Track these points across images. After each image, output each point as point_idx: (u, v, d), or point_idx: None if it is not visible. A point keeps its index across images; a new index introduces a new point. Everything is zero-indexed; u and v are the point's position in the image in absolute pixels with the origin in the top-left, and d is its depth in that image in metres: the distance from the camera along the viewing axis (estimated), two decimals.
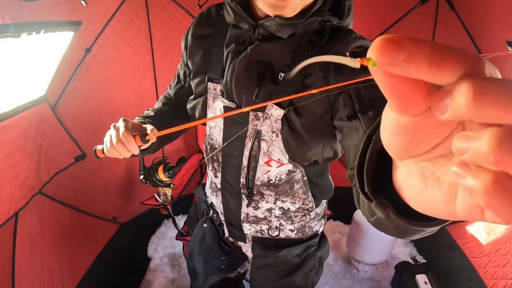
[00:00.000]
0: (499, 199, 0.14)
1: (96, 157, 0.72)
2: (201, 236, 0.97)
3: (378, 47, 0.15)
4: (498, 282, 1.39)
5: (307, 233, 0.89)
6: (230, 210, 0.85)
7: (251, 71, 0.65)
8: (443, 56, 0.14)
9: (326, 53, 0.61)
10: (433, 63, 0.14)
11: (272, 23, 0.62)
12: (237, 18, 0.66)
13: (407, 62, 0.14)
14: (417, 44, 0.14)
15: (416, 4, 1.76)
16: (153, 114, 0.83)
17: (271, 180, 0.75)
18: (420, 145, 0.19)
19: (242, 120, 0.68)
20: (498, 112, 0.13)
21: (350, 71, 0.57)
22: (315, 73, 0.61)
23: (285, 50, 0.64)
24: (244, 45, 0.67)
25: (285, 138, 0.67)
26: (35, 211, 1.27)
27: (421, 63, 0.14)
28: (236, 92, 0.67)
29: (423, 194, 0.20)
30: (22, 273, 1.16)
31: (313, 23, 0.62)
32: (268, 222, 0.85)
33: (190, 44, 0.78)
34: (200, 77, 0.76)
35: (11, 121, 1.10)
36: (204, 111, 0.76)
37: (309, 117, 0.64)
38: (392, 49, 0.14)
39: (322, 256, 0.93)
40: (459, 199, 0.18)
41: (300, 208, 0.83)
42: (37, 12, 1.05)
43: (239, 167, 0.75)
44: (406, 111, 0.17)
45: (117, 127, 0.66)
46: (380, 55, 0.15)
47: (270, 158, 0.71)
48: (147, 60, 1.90)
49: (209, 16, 0.76)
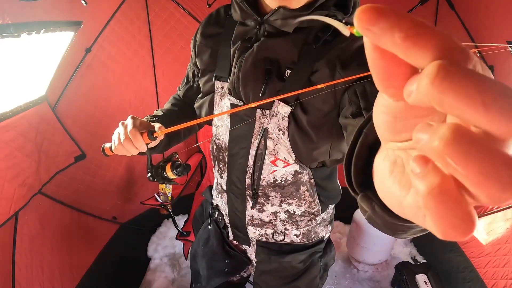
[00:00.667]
0: (439, 206, 0.13)
1: (104, 155, 0.73)
2: (206, 238, 0.96)
3: (360, 12, 0.14)
4: (498, 282, 1.39)
5: (313, 238, 0.87)
6: (235, 212, 0.84)
7: (258, 68, 0.65)
8: (421, 33, 0.14)
9: (332, 49, 0.61)
10: (408, 37, 0.14)
11: (277, 16, 0.62)
12: (243, 15, 0.66)
13: (383, 30, 0.14)
14: (398, 15, 0.14)
15: (416, 4, 1.76)
16: (162, 113, 0.83)
17: (277, 181, 0.74)
18: (400, 131, 0.18)
19: (249, 117, 0.68)
20: (459, 104, 0.12)
21: (356, 67, 0.57)
22: (321, 70, 0.61)
23: (292, 46, 0.64)
24: (250, 42, 0.67)
25: (292, 136, 0.66)
26: (35, 211, 1.27)
27: (396, 34, 0.14)
28: (243, 90, 0.67)
29: (386, 180, 0.20)
30: (22, 273, 1.15)
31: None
32: (273, 226, 0.83)
33: (198, 43, 0.78)
34: (208, 75, 0.76)
35: (11, 121, 1.10)
36: (211, 109, 0.75)
37: (316, 114, 0.63)
38: (372, 15, 0.14)
39: (327, 263, 0.92)
40: (409, 195, 0.17)
41: (306, 212, 0.81)
42: (37, 12, 1.05)
43: (245, 166, 0.74)
44: (386, 90, 0.16)
45: (125, 125, 0.66)
46: (359, 20, 0.14)
47: (276, 157, 0.71)
48: (147, 60, 1.90)
49: (218, 16, 0.77)
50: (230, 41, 0.71)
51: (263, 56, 0.65)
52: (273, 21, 0.63)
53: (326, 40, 0.62)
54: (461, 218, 0.13)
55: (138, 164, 2.00)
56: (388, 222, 0.27)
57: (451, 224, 0.13)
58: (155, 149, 0.78)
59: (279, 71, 0.65)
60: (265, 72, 0.64)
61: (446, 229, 0.13)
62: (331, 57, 0.61)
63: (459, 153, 0.12)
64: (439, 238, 0.14)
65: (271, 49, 0.65)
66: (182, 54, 1.98)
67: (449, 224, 0.13)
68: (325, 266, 0.91)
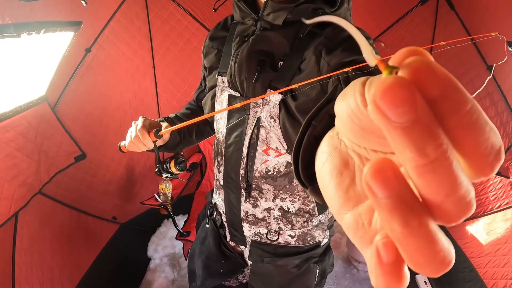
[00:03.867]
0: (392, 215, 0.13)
1: (120, 151, 0.82)
2: (203, 236, 0.96)
3: (398, 83, 0.12)
4: (498, 282, 1.39)
5: (309, 242, 0.85)
6: (231, 207, 0.85)
7: (252, 58, 0.69)
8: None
9: (319, 38, 0.63)
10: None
11: (268, 10, 0.67)
12: (242, 14, 0.72)
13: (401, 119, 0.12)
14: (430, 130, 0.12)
15: (416, 4, 1.76)
16: (175, 115, 0.91)
17: (269, 171, 0.75)
18: (365, 138, 0.17)
19: (243, 107, 0.72)
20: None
21: (340, 52, 0.60)
22: (308, 57, 0.64)
23: (283, 39, 0.68)
24: (247, 37, 0.72)
25: (283, 123, 0.68)
26: (35, 211, 1.27)
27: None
28: (238, 78, 0.71)
29: (328, 184, 0.19)
30: (22, 273, 1.16)
31: (305, 10, 0.65)
32: (267, 224, 0.83)
33: (206, 46, 0.85)
34: (212, 72, 0.81)
35: (11, 121, 1.10)
36: (213, 103, 0.80)
37: (304, 100, 0.65)
38: (406, 101, 0.12)
39: (324, 270, 0.90)
40: (350, 214, 0.17)
41: (300, 210, 0.81)
42: (37, 12, 1.05)
43: (239, 157, 0.76)
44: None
45: (136, 124, 0.75)
46: (387, 103, 0.12)
47: (268, 146, 0.72)
48: (147, 60, 1.90)
49: (225, 22, 0.84)
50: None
51: (258, 48, 0.69)
52: (266, 16, 0.68)
53: (315, 33, 0.66)
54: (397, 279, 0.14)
55: (138, 164, 2.00)
56: None
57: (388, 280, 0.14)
58: (165, 148, 0.84)
59: (273, 62, 0.69)
60: (259, 62, 0.68)
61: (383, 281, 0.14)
62: (317, 44, 0.64)
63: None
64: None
65: (265, 41, 0.69)
66: (182, 54, 1.98)
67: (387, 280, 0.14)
68: (322, 273, 0.89)
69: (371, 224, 0.16)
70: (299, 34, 0.67)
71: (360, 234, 0.16)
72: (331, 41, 0.63)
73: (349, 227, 0.17)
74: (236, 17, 0.76)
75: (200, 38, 1.96)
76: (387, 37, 2.00)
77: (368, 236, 0.16)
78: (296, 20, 0.66)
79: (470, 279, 1.58)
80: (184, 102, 2.15)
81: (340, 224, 0.18)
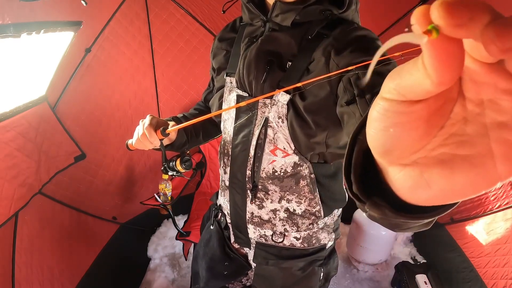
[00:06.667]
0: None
1: (128, 149, 0.83)
2: (207, 238, 0.95)
3: (446, 9, 0.14)
4: (498, 282, 1.39)
5: (314, 244, 0.84)
6: (236, 208, 0.84)
7: (260, 58, 0.69)
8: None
9: (328, 39, 0.64)
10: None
11: (276, 12, 0.66)
12: (251, 16, 0.73)
13: (472, 21, 0.14)
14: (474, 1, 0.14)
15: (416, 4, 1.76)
16: (182, 115, 0.92)
17: (276, 172, 0.75)
18: (417, 139, 0.18)
19: (252, 108, 0.72)
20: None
21: (350, 53, 0.60)
22: (317, 58, 0.65)
23: (291, 40, 0.68)
24: (256, 38, 0.73)
25: (290, 123, 0.68)
26: (35, 211, 1.27)
27: (483, 19, 0.14)
28: (247, 78, 0.71)
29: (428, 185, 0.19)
30: (22, 273, 1.16)
31: (313, 11, 0.65)
32: (272, 226, 0.82)
33: (214, 47, 0.85)
34: (221, 73, 0.82)
35: (11, 121, 1.10)
36: (220, 103, 0.80)
37: (312, 100, 0.65)
38: (460, 8, 0.14)
39: (329, 273, 0.90)
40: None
41: (306, 212, 0.80)
42: (37, 12, 1.05)
43: (246, 157, 0.76)
44: (441, 83, 0.16)
45: (143, 122, 0.76)
46: (450, 17, 0.14)
47: (275, 146, 0.72)
48: (147, 60, 1.90)
49: (234, 24, 0.84)
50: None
51: (266, 49, 0.70)
52: (274, 17, 0.68)
53: (323, 34, 0.66)
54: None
55: (138, 164, 2.00)
56: (393, 221, 0.27)
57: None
58: (172, 147, 0.86)
59: (281, 63, 0.69)
60: (268, 62, 0.69)
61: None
62: (326, 45, 0.64)
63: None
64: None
65: (274, 42, 0.69)
66: (182, 54, 1.98)
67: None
68: (326, 276, 0.89)
69: None
70: (307, 35, 0.67)
71: None
72: (340, 42, 0.63)
73: None
74: (244, 19, 0.76)
75: (200, 38, 1.96)
76: (387, 37, 1.99)
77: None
78: (304, 21, 0.67)
79: (470, 279, 1.58)
80: (184, 102, 2.16)
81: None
